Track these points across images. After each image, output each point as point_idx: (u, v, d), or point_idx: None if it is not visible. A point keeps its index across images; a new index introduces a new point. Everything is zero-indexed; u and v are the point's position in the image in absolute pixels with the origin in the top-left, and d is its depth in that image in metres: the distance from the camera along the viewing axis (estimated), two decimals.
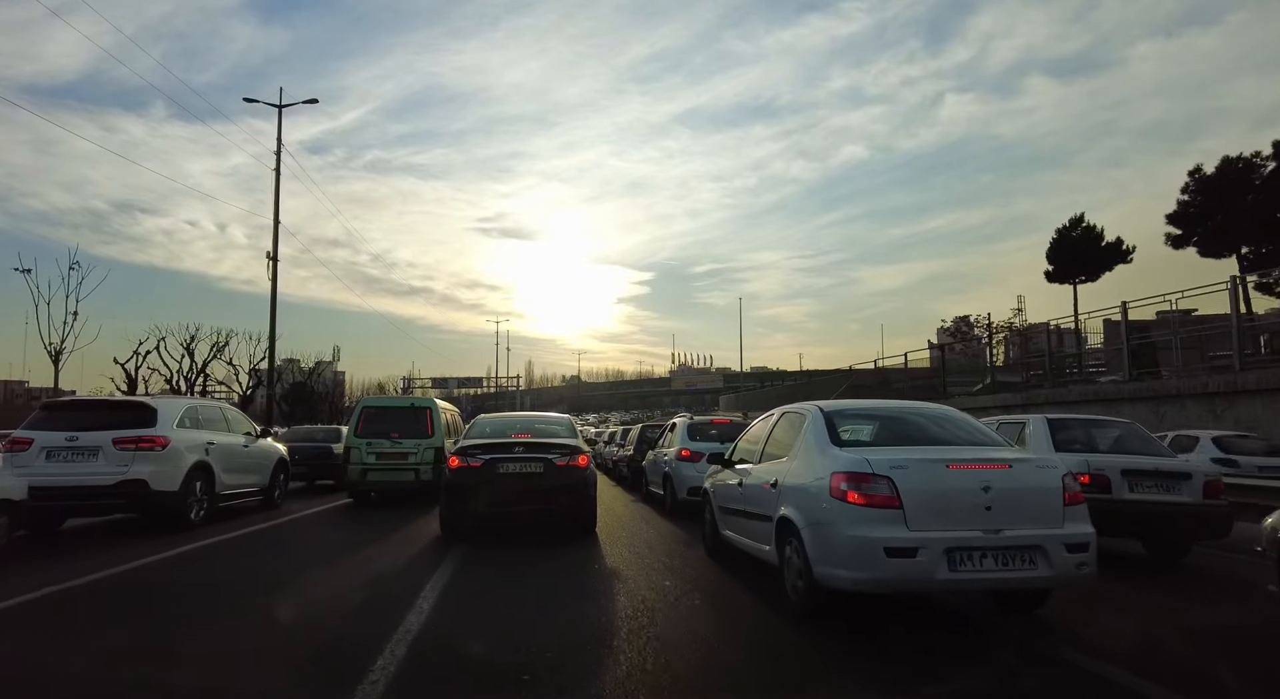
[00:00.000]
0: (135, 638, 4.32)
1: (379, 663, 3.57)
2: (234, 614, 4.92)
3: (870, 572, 3.91)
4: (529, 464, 8.26)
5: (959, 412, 5.17)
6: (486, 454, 8.29)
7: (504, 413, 13.15)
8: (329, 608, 5.02)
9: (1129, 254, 37.94)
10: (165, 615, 4.89)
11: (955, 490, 3.98)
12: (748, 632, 4.48)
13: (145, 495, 8.12)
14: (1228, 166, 28.30)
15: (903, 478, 3.99)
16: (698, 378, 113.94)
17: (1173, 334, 18.79)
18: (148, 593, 5.65)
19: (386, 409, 13.00)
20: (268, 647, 4.11)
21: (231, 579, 6.21)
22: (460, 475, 8.22)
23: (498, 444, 8.49)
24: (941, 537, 3.86)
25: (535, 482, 8.17)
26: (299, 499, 12.64)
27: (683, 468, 10.01)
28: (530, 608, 5.01)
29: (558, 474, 8.24)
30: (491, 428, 9.41)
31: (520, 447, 8.38)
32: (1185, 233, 29.81)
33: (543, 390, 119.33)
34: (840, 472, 4.17)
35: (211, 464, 9.16)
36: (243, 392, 28.85)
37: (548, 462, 8.27)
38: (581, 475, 8.39)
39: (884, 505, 3.95)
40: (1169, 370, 18.32)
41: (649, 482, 12.30)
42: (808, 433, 4.84)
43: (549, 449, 8.40)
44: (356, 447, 11.79)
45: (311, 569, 6.86)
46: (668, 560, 6.74)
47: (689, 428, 10.48)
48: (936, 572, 3.82)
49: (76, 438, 8.12)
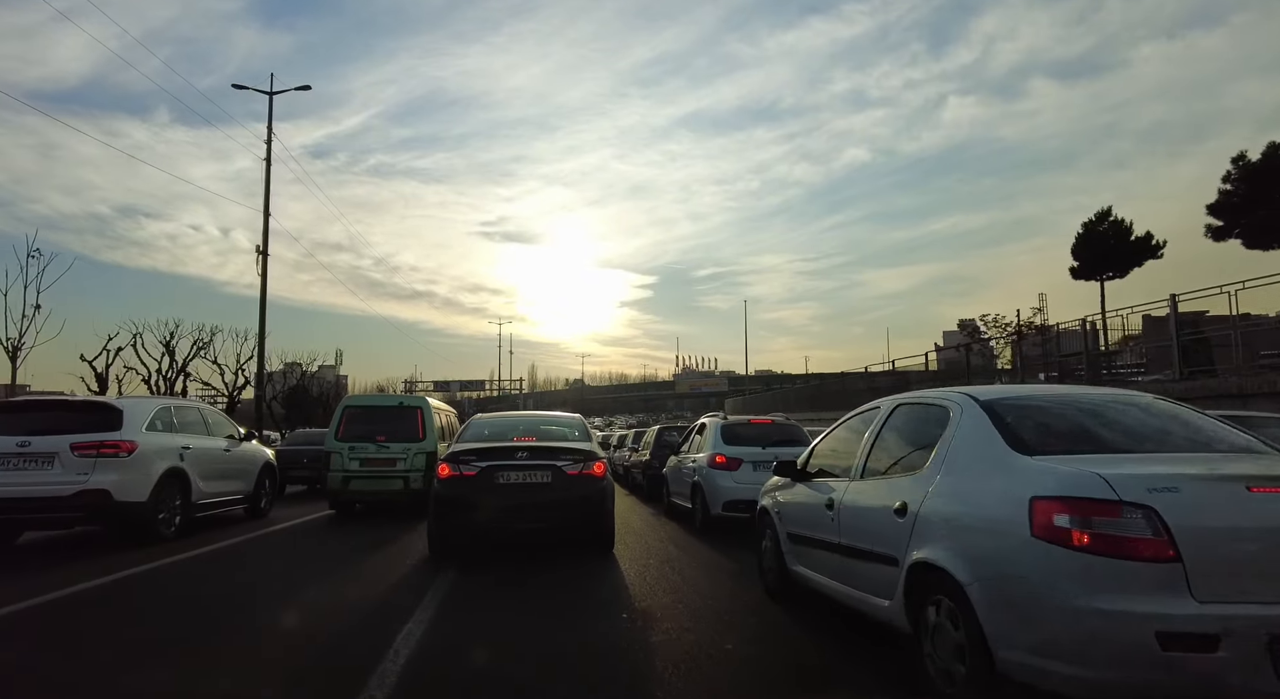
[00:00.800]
0: (80, 670, 3.68)
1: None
2: (202, 638, 4.27)
3: (1123, 672, 2.27)
4: (534, 472, 6.72)
5: (1167, 400, 3.51)
6: (483, 460, 6.74)
7: (505, 412, 11.52)
8: (310, 634, 4.40)
9: (1160, 249, 36.23)
10: (117, 642, 4.22)
11: (1270, 530, 2.35)
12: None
13: (108, 507, 7.24)
14: (1275, 153, 26.62)
15: (1174, 508, 2.35)
16: (702, 381, 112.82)
17: (1232, 329, 17.28)
18: (101, 617, 4.87)
19: (372, 409, 11.49)
20: (239, 677, 3.58)
21: (200, 599, 5.47)
22: (451, 486, 6.66)
23: (497, 448, 6.93)
24: (1258, 614, 2.23)
25: (542, 493, 6.69)
26: (293, 505, 11.87)
27: (717, 477, 8.38)
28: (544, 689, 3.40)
29: (569, 484, 6.72)
30: (490, 429, 7.83)
31: (524, 451, 6.83)
32: (1227, 224, 28.07)
33: (546, 394, 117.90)
34: (1051, 497, 2.54)
35: (187, 471, 8.30)
36: (229, 392, 27.16)
37: (556, 469, 6.75)
38: (597, 486, 6.83)
39: (1146, 557, 2.32)
40: (1226, 368, 16.84)
41: (671, 492, 10.67)
42: (961, 434, 3.22)
43: (558, 454, 6.87)
44: (337, 452, 10.39)
45: (292, 588, 5.96)
46: (716, 603, 5.11)
47: (722, 430, 8.84)
48: (1254, 677, 2.18)
49: (29, 443, 7.21)
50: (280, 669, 3.69)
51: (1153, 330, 20.63)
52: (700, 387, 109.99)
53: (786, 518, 4.88)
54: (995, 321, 40.40)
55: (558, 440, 7.48)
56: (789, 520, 4.83)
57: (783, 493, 4.98)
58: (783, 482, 5.02)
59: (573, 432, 7.82)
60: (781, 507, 4.97)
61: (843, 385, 33.68)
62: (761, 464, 8.32)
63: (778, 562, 5.01)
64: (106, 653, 3.96)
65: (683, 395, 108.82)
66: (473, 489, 6.61)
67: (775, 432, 8.87)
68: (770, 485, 5.39)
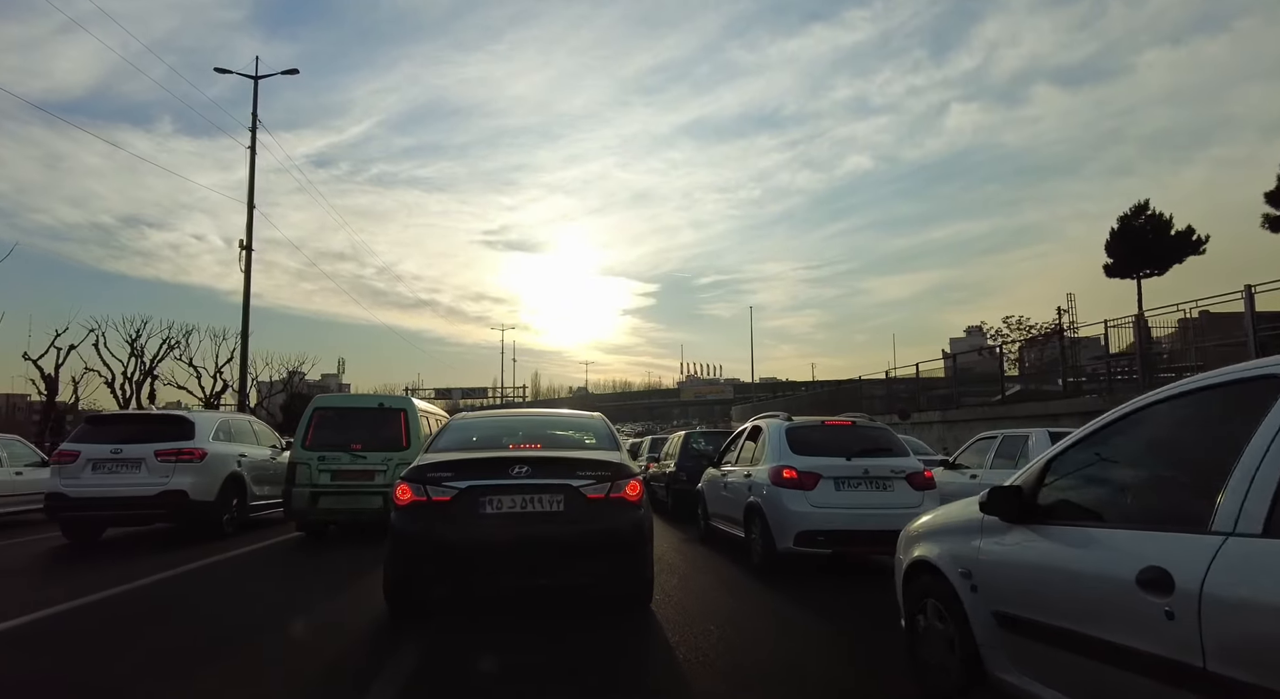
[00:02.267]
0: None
1: None
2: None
3: None
4: (539, 497, 4.59)
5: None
6: (463, 478, 4.60)
7: (498, 411, 9.41)
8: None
9: (1202, 244, 34.16)
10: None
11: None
12: None
13: (185, 505, 8.35)
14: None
15: None
16: (707, 388, 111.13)
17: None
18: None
19: (347, 411, 9.51)
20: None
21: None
22: (414, 517, 4.59)
23: (485, 461, 4.83)
24: None
25: (549, 528, 4.53)
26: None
27: (785, 499, 6.19)
28: None
29: (590, 514, 4.57)
30: (479, 434, 5.72)
31: (523, 466, 4.65)
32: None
33: (549, 401, 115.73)
34: None
35: (244, 475, 9.36)
36: (205, 397, 24.75)
37: (572, 492, 4.61)
38: (631, 517, 4.69)
39: None
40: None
41: (710, 514, 8.51)
42: None
43: (573, 469, 4.72)
44: (304, 463, 8.52)
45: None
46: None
47: (789, 434, 6.65)
48: None
49: (120, 450, 8.41)
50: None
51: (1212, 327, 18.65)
52: (705, 394, 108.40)
53: (995, 588, 2.73)
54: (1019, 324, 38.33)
55: (572, 449, 5.38)
56: (1002, 594, 2.68)
57: (988, 543, 2.81)
58: (983, 521, 2.85)
59: (594, 436, 5.65)
60: (983, 568, 2.81)
61: (859, 391, 31.37)
62: (847, 481, 6.19)
63: (964, 656, 2.86)
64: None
65: (687, 403, 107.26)
66: (446, 522, 4.46)
67: (858, 437, 6.69)
68: (946, 522, 3.24)
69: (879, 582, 5.99)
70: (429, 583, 4.72)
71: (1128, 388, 17.09)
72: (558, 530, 4.49)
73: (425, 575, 4.60)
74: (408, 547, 4.54)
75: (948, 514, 3.26)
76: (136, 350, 22.26)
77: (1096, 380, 19.19)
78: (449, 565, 4.50)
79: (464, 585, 4.92)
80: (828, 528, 5.95)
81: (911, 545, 3.42)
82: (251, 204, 26.49)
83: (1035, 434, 8.06)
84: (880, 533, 5.98)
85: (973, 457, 9.17)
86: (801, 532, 6.01)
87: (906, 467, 6.33)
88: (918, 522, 3.53)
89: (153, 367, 22.87)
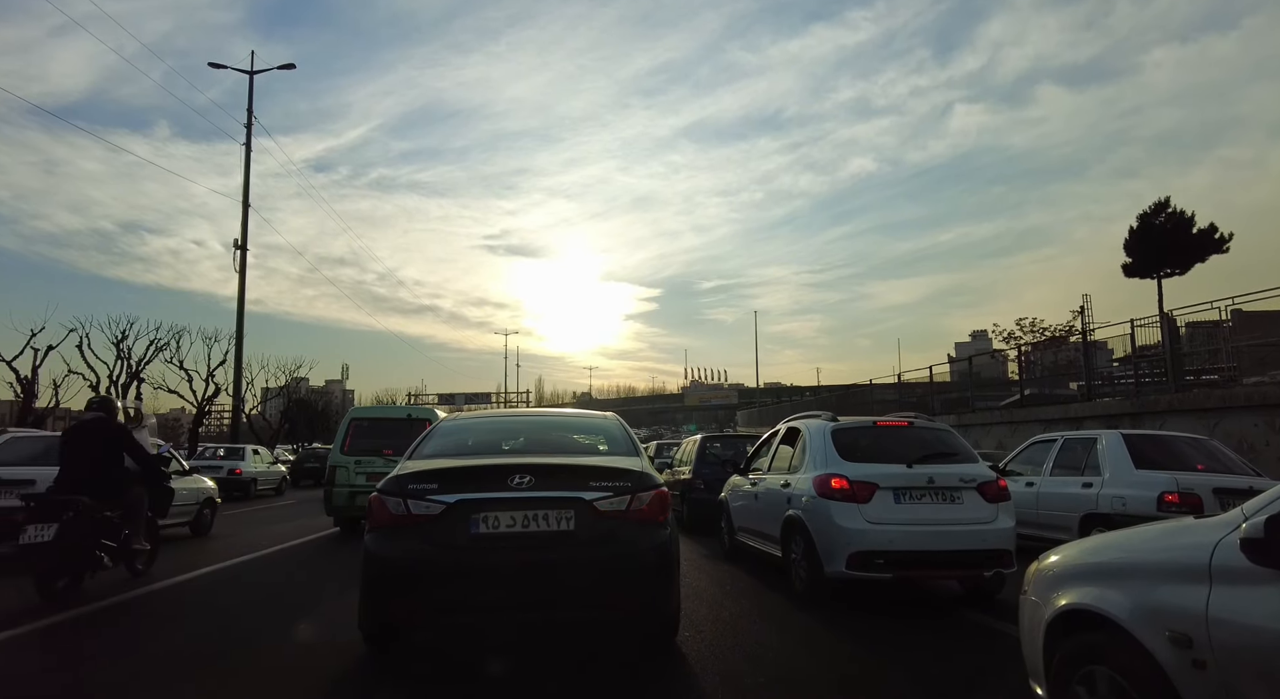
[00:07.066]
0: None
1: None
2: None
3: None
4: (543, 514, 3.67)
5: None
6: (452, 490, 3.69)
7: (494, 411, 8.76)
8: None
9: (1225, 243, 33.13)
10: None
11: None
12: None
13: None
14: None
15: None
16: (711, 393, 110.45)
17: None
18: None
19: (379, 421, 10.90)
20: None
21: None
22: (392, 539, 3.65)
23: (478, 469, 3.89)
24: None
25: (556, 551, 3.62)
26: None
27: (835, 513, 5.22)
28: None
29: (605, 534, 3.68)
30: (473, 438, 4.82)
31: (524, 475, 3.72)
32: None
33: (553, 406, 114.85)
34: None
35: None
36: (197, 401, 23.90)
37: (583, 506, 3.71)
38: (655, 538, 3.77)
39: None
40: None
41: (736, 528, 7.57)
42: None
43: (584, 479, 3.80)
44: (343, 466, 9.82)
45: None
46: None
47: (835, 436, 5.70)
48: None
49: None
50: None
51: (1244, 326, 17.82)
52: (710, 399, 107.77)
53: (1245, 669, 1.78)
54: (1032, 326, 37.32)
55: (582, 454, 4.47)
56: (1266, 681, 1.73)
57: (1230, 598, 1.84)
58: (1213, 563, 1.90)
59: (607, 439, 4.73)
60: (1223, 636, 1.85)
61: (869, 395, 30.37)
62: (909, 492, 5.22)
63: None
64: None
65: (692, 408, 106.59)
66: (431, 543, 3.55)
67: (917, 440, 5.72)
68: (1129, 556, 2.29)
69: (959, 621, 5.05)
70: (410, 618, 3.80)
71: (1154, 390, 16.16)
72: (567, 554, 3.58)
73: (406, 610, 3.69)
74: (384, 574, 3.62)
75: (1128, 543, 2.32)
76: (123, 352, 21.37)
77: (1112, 383, 18.31)
78: (433, 598, 3.58)
79: (452, 623, 4.01)
80: (888, 548, 5.00)
81: (1058, 585, 2.47)
82: (246, 202, 25.80)
83: (1106, 437, 7.09)
84: (951, 553, 5.09)
85: (1026, 463, 8.23)
86: (856, 552, 5.04)
87: (978, 475, 5.36)
88: (1062, 549, 2.59)
89: (139, 369, 21.97)
